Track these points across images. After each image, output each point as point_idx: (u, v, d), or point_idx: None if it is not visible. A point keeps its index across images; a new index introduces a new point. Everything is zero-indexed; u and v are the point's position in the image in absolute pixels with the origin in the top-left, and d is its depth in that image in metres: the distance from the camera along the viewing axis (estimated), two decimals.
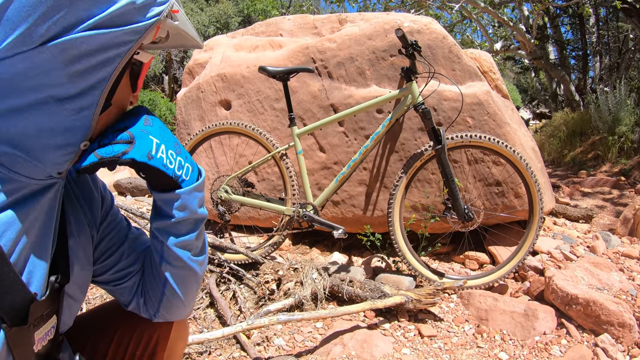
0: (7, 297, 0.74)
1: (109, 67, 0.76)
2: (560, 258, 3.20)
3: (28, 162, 0.75)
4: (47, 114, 0.73)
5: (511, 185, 3.10)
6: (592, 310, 2.44)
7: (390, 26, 3.24)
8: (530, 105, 16.41)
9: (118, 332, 1.17)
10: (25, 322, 0.78)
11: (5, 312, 0.74)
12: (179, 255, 1.03)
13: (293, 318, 2.37)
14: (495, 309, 2.67)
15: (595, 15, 11.33)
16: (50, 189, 0.83)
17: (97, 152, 0.84)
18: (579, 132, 7.74)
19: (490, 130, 3.07)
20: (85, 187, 1.04)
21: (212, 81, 3.78)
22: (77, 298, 0.97)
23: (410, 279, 2.97)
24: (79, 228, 0.97)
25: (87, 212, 1.02)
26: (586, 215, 4.25)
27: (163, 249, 1.02)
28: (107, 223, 1.09)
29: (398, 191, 2.93)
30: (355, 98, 3.27)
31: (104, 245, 1.08)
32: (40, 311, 0.82)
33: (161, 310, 1.11)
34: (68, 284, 0.91)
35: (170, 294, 1.08)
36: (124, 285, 1.11)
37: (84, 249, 0.98)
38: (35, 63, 0.69)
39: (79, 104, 0.75)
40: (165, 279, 1.05)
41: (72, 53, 0.70)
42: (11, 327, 0.75)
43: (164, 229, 1.00)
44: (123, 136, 0.87)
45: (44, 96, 0.71)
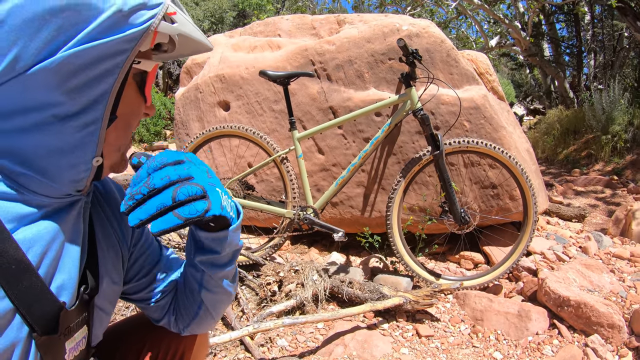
0: (36, 305, 0.75)
1: (108, 79, 0.74)
2: (553, 259, 3.27)
3: (44, 182, 0.76)
4: (52, 134, 0.73)
5: (506, 188, 3.16)
6: (583, 312, 2.52)
7: (389, 29, 3.28)
8: (525, 101, 16.47)
9: (147, 344, 1.20)
10: (56, 331, 0.80)
11: (35, 321, 0.75)
12: (219, 283, 1.06)
13: (297, 321, 2.43)
14: (490, 309, 2.74)
15: (591, 13, 11.36)
16: (74, 206, 0.85)
17: (179, 212, 0.78)
18: (572, 130, 7.80)
19: (486, 134, 3.13)
20: (115, 205, 1.05)
21: (211, 82, 3.81)
22: (107, 311, 0.99)
23: (407, 280, 3.03)
24: (107, 243, 0.99)
25: (117, 228, 1.03)
26: (579, 214, 4.33)
27: (204, 278, 1.04)
28: (141, 244, 1.12)
29: (396, 194, 2.99)
30: (354, 101, 3.31)
31: (139, 265, 1.11)
32: (70, 320, 0.83)
33: (192, 326, 1.15)
34: (98, 296, 0.93)
35: (204, 314, 1.11)
36: (158, 303, 1.14)
37: (113, 263, 1.00)
38: (31, 85, 0.68)
39: (83, 120, 0.74)
40: (201, 302, 1.09)
41: (67, 70, 0.69)
42: (41, 336, 0.77)
43: (209, 261, 1.01)
44: (197, 191, 0.80)
45: (46, 116, 0.71)
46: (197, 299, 1.09)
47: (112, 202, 1.05)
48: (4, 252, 0.70)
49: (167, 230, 0.78)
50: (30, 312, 0.74)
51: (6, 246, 0.71)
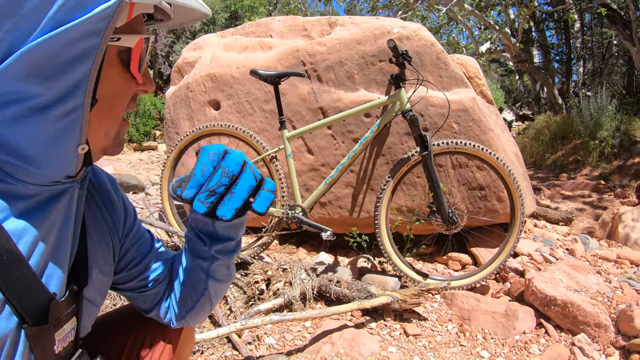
0: (27, 296, 0.75)
1: (85, 63, 0.68)
2: (540, 260, 3.30)
3: (31, 171, 0.74)
4: (33, 126, 0.69)
5: (494, 190, 3.19)
6: (569, 311, 2.54)
7: (380, 32, 3.30)
8: (514, 107, 16.58)
9: (132, 336, 1.20)
10: (46, 321, 0.79)
11: (26, 312, 0.75)
12: (227, 270, 1.10)
13: (285, 318, 2.43)
14: (478, 309, 2.75)
15: (580, 20, 11.48)
16: (64, 194, 0.83)
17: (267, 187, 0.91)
18: (560, 136, 7.87)
19: (474, 136, 3.15)
20: (106, 196, 1.04)
21: (202, 81, 3.81)
22: (96, 302, 0.99)
23: (395, 280, 3.04)
24: (98, 234, 0.98)
25: (108, 219, 1.04)
26: (566, 218, 4.37)
27: (211, 267, 1.07)
28: (132, 235, 1.12)
29: (385, 194, 3.00)
30: (343, 102, 3.33)
31: (130, 256, 1.11)
32: (59, 312, 0.83)
33: (187, 317, 1.16)
34: (87, 288, 0.92)
35: (205, 304, 1.13)
36: (148, 292, 1.14)
37: (103, 254, 0.99)
38: (4, 80, 0.65)
39: (63, 108, 0.70)
40: (204, 291, 1.11)
41: (38, 60, 0.65)
42: (31, 327, 0.76)
43: (224, 250, 1.05)
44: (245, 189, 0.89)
45: (23, 108, 0.68)
46: (201, 287, 1.11)
47: (103, 194, 1.04)
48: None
49: (269, 206, 0.90)
50: (21, 303, 0.74)
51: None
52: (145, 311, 1.18)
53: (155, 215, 4.24)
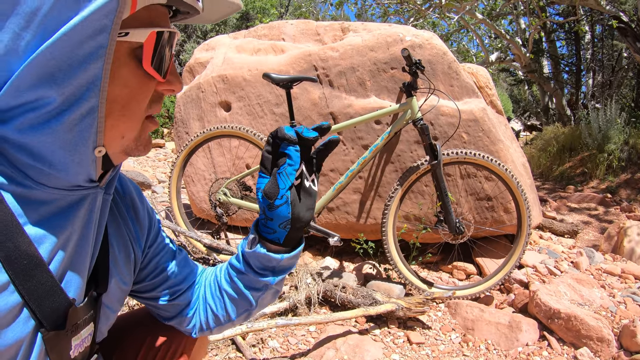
0: (46, 301, 0.75)
1: (96, 63, 0.65)
2: (544, 272, 3.30)
3: (53, 175, 0.73)
4: (50, 132, 0.67)
5: (501, 201, 3.20)
6: (573, 325, 2.55)
7: (393, 39, 3.32)
8: (522, 116, 16.56)
9: (147, 341, 1.19)
10: (63, 326, 0.79)
11: (44, 316, 0.75)
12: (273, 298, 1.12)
13: (290, 322, 2.45)
14: (481, 319, 2.76)
15: (591, 32, 11.47)
16: (87, 200, 0.82)
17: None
18: (568, 147, 7.86)
19: (484, 146, 3.16)
20: (131, 205, 1.04)
21: (213, 82, 3.83)
22: (114, 309, 0.99)
23: (400, 287, 3.05)
24: (119, 243, 0.98)
25: (131, 229, 1.03)
26: (572, 230, 4.37)
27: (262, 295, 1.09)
28: (156, 245, 1.11)
29: (393, 202, 3.01)
30: (354, 108, 3.34)
31: (153, 265, 1.10)
32: (77, 317, 0.83)
33: (214, 329, 1.17)
34: (106, 294, 0.92)
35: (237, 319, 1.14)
36: (170, 303, 1.14)
37: (123, 263, 0.99)
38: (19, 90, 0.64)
39: (78, 112, 0.67)
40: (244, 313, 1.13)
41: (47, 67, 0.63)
42: (49, 331, 0.76)
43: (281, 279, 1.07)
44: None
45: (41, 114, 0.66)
46: (242, 310, 1.12)
47: (128, 202, 1.03)
48: (16, 247, 0.69)
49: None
50: (40, 307, 0.74)
51: (18, 241, 0.69)
52: (165, 319, 1.18)
53: (162, 213, 4.26)
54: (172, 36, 0.80)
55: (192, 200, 4.05)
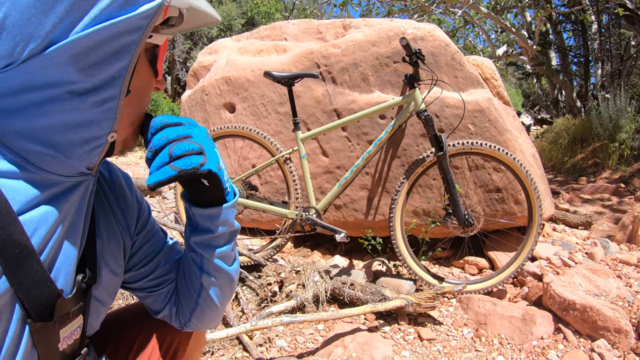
0: (34, 292, 0.74)
1: (126, 55, 0.73)
2: (558, 264, 3.24)
3: (56, 158, 0.76)
4: (69, 110, 0.72)
5: (511, 192, 3.14)
6: (589, 316, 2.48)
7: (394, 33, 3.28)
8: (532, 110, 16.42)
9: (140, 336, 1.18)
10: (51, 318, 0.79)
11: (32, 307, 0.74)
12: (219, 266, 1.05)
13: (296, 320, 2.41)
14: (494, 313, 2.70)
15: (598, 21, 11.34)
16: (79, 186, 0.83)
17: (174, 164, 0.84)
18: (579, 139, 7.77)
19: (491, 137, 3.11)
20: (120, 193, 1.05)
21: (217, 84, 3.82)
22: (104, 302, 0.98)
23: (410, 283, 3.01)
24: (108, 233, 0.98)
25: (121, 218, 1.03)
26: (585, 221, 4.29)
27: (202, 261, 1.04)
28: (145, 232, 1.11)
29: (400, 196, 2.97)
30: (358, 103, 3.31)
31: (142, 254, 1.09)
32: (66, 309, 0.82)
33: (193, 319, 1.13)
34: (96, 287, 0.92)
35: (205, 304, 1.10)
36: (159, 292, 1.13)
37: (112, 253, 0.98)
38: (50, 64, 0.68)
39: (102, 95, 0.74)
40: (201, 289, 1.08)
41: (84, 49, 0.69)
42: (36, 322, 0.76)
43: (204, 242, 1.02)
44: (193, 147, 0.86)
45: (61, 92, 0.71)
46: (197, 284, 1.08)
47: (117, 190, 1.04)
48: (9, 235, 0.70)
49: (162, 182, 0.84)
50: (28, 297, 0.74)
51: (11, 229, 0.70)
52: (155, 312, 1.16)
53: (170, 217, 4.25)
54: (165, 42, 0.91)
55: None
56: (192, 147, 0.86)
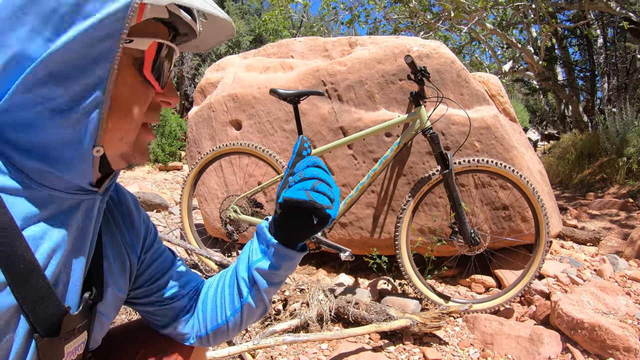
0: (40, 308, 0.75)
1: (103, 64, 0.70)
2: (566, 282, 3.21)
3: (55, 175, 0.76)
4: (55, 127, 0.71)
5: (518, 209, 3.12)
6: (597, 335, 2.45)
7: (400, 50, 3.29)
8: (539, 126, 16.40)
9: (141, 351, 1.18)
10: (57, 334, 0.79)
11: (38, 322, 0.75)
12: (264, 297, 1.11)
13: (299, 339, 2.39)
14: (501, 333, 2.68)
15: (603, 35, 11.37)
16: (82, 204, 0.83)
17: (311, 194, 0.94)
18: (587, 154, 7.73)
19: (497, 154, 3.10)
20: (127, 213, 1.05)
21: (224, 101, 3.84)
22: (108, 317, 0.99)
23: (416, 302, 2.98)
24: (114, 251, 0.99)
25: (127, 237, 1.04)
26: (593, 238, 4.26)
27: (253, 289, 1.09)
28: (153, 251, 1.13)
29: (405, 214, 2.95)
30: (364, 121, 3.31)
31: (152, 271, 1.12)
32: (72, 325, 0.83)
33: (210, 334, 1.16)
34: (101, 302, 0.93)
35: (233, 324, 1.14)
36: (168, 307, 1.15)
37: (119, 271, 0.99)
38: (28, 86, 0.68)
39: (83, 110, 0.71)
40: (237, 311, 1.12)
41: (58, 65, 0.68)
42: (43, 338, 0.77)
43: (266, 275, 1.07)
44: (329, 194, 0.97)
45: (46, 109, 0.70)
46: (235, 306, 1.13)
47: (124, 211, 1.05)
48: (14, 251, 0.70)
49: (295, 201, 0.95)
50: (33, 312, 0.74)
51: (16, 245, 0.71)
52: (161, 327, 1.17)
53: (175, 233, 4.26)
54: (171, 52, 0.86)
55: (205, 219, 4.04)
56: (329, 194, 0.96)
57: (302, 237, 1.06)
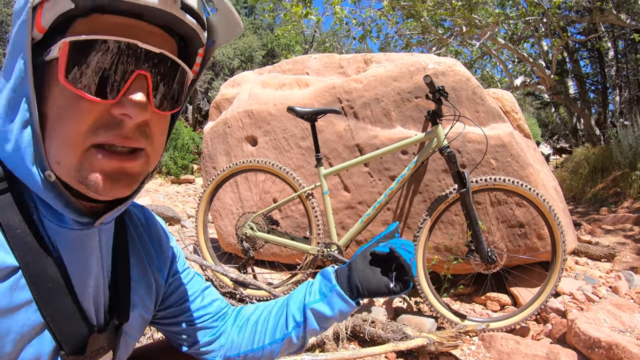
0: (66, 325, 0.77)
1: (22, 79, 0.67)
2: (582, 299, 3.20)
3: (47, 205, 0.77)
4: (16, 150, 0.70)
5: (534, 227, 3.12)
6: (614, 354, 2.43)
7: (415, 68, 3.32)
8: (551, 140, 16.35)
9: None
10: (83, 352, 0.81)
11: (65, 340, 0.77)
12: (306, 337, 1.13)
13: (317, 358, 2.40)
14: (517, 352, 2.67)
15: (614, 48, 11.34)
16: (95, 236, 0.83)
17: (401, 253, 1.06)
18: (600, 168, 7.69)
19: (513, 171, 3.11)
20: (156, 237, 1.09)
21: (239, 117, 3.88)
22: (134, 337, 1.00)
23: (432, 321, 2.98)
24: (140, 274, 1.00)
25: (154, 259, 1.06)
26: (608, 253, 4.24)
27: (301, 327, 1.12)
28: (181, 274, 1.16)
29: (422, 233, 2.96)
30: (380, 139, 3.33)
31: (178, 294, 1.14)
32: (98, 344, 0.85)
33: (241, 358, 1.18)
34: (127, 323, 0.94)
35: (268, 353, 1.15)
36: (195, 328, 1.16)
37: (145, 293, 1.01)
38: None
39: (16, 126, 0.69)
40: (277, 342, 1.14)
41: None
42: (68, 356, 0.78)
43: (318, 318, 1.10)
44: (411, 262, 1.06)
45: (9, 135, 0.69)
46: (277, 336, 1.14)
47: (153, 234, 1.08)
48: (44, 269, 0.73)
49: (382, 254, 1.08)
50: (60, 330, 0.76)
51: (46, 264, 0.73)
52: (186, 346, 1.19)
53: (189, 247, 4.28)
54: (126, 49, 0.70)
55: (220, 235, 4.07)
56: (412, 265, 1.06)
57: (369, 293, 1.08)
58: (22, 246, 0.71)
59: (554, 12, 8.46)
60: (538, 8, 8.61)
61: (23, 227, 0.72)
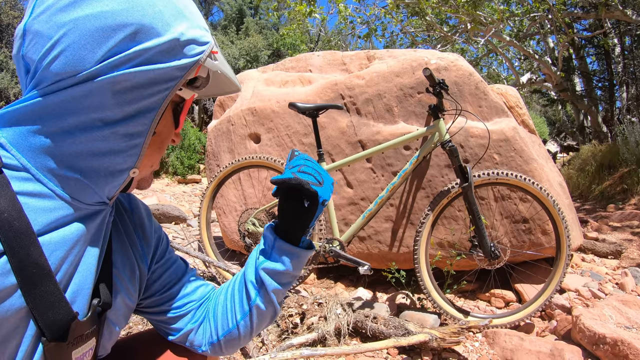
0: (49, 312, 0.77)
1: (157, 98, 0.80)
2: (588, 296, 3.17)
3: (82, 185, 0.81)
4: (99, 139, 0.78)
5: (538, 222, 3.09)
6: (620, 350, 2.41)
7: (418, 63, 3.30)
8: (558, 137, 16.26)
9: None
10: (65, 339, 0.81)
11: (46, 326, 0.78)
12: (272, 299, 1.10)
13: (316, 353, 2.39)
14: (521, 348, 2.65)
15: (621, 44, 11.26)
16: (98, 215, 0.87)
17: (297, 174, 1.03)
18: (607, 165, 7.64)
19: (517, 166, 3.08)
20: (139, 223, 1.09)
21: (243, 115, 3.87)
22: (118, 325, 1.00)
23: (434, 317, 2.96)
24: (124, 260, 1.01)
25: (138, 246, 1.07)
26: (615, 250, 4.21)
27: (260, 290, 1.10)
28: (164, 260, 1.15)
29: (424, 228, 2.94)
30: (383, 134, 3.32)
31: (164, 280, 1.14)
32: (80, 331, 0.85)
33: (221, 341, 1.16)
34: (110, 310, 0.94)
35: (243, 329, 1.13)
36: (180, 314, 1.16)
37: (128, 279, 1.01)
38: (92, 93, 0.75)
39: (131, 129, 0.80)
40: (246, 315, 1.12)
41: (125, 84, 0.76)
42: (50, 342, 0.79)
43: (272, 275, 1.08)
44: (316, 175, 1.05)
45: (94, 119, 0.77)
46: (244, 309, 1.12)
47: (135, 220, 1.08)
48: (28, 255, 0.73)
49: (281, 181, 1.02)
50: (42, 316, 0.77)
51: (30, 250, 0.73)
52: (173, 335, 1.18)
53: (194, 245, 4.28)
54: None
55: (223, 232, 4.07)
56: (316, 174, 1.05)
57: (299, 228, 1.08)
58: (8, 231, 0.72)
59: (559, 9, 8.42)
60: (543, 4, 8.56)
61: (10, 210, 0.73)
